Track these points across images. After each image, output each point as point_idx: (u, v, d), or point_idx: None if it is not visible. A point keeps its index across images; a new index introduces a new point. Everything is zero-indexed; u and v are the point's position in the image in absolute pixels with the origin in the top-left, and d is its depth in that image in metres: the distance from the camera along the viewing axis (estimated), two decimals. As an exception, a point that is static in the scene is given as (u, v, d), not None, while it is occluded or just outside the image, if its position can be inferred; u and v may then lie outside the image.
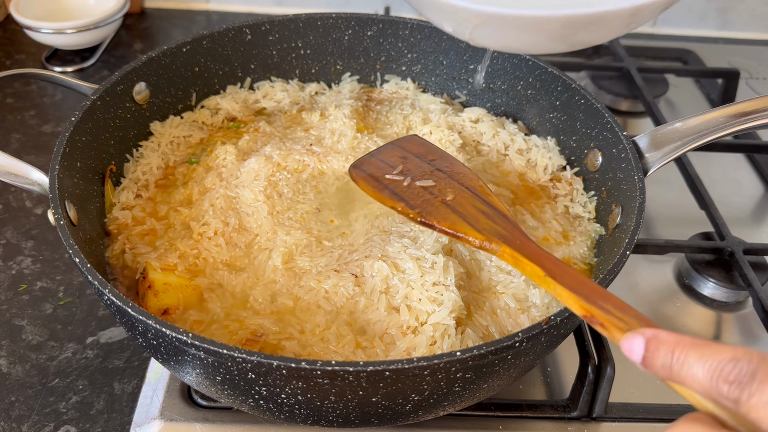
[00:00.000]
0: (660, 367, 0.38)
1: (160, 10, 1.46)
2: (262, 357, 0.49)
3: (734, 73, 1.20)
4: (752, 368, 0.33)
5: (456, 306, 0.62)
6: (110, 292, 0.54)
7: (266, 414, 0.59)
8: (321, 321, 0.63)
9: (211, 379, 0.55)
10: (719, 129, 0.70)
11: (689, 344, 0.37)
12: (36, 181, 0.66)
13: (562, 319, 0.54)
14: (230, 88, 0.93)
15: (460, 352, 0.50)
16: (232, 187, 0.75)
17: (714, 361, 0.35)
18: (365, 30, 0.95)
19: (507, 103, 0.93)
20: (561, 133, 0.87)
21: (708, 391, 0.35)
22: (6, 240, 0.91)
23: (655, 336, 0.38)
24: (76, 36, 1.22)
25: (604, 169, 0.79)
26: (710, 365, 0.35)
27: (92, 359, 0.77)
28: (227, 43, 0.90)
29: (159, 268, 0.66)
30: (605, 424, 0.70)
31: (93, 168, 0.75)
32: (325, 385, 0.51)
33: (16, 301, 0.84)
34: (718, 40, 1.49)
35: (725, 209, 0.92)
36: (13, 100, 1.17)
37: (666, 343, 0.38)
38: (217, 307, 0.65)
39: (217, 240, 0.70)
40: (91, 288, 0.83)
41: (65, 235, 0.59)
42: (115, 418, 0.72)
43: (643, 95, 1.13)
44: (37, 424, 0.71)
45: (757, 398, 0.33)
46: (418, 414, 0.59)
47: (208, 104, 0.90)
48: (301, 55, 0.96)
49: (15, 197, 0.98)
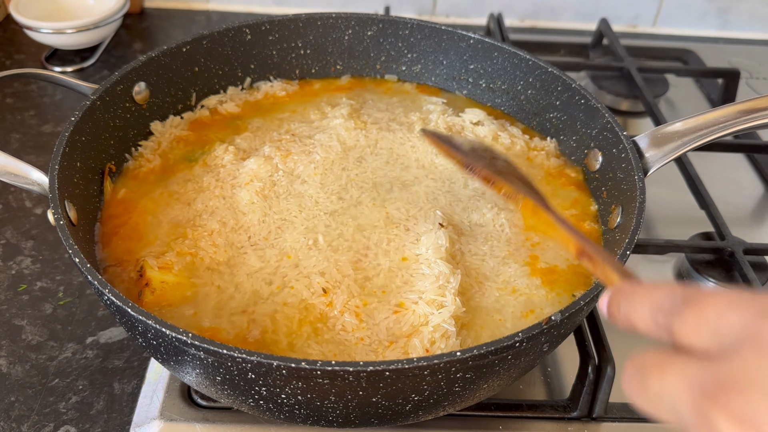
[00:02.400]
0: (622, 318, 0.39)
1: (160, 10, 1.46)
2: (262, 357, 0.49)
3: (734, 73, 1.20)
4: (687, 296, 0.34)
5: (458, 310, 0.62)
6: (110, 292, 0.54)
7: (266, 414, 0.59)
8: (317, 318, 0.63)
9: (211, 379, 0.55)
10: (719, 129, 0.70)
11: (640, 288, 0.38)
12: (36, 181, 0.66)
13: (562, 319, 0.54)
14: (230, 88, 0.93)
15: (460, 352, 0.50)
16: (229, 187, 0.75)
17: (654, 297, 0.36)
18: (365, 30, 0.95)
19: (507, 103, 0.93)
20: (561, 133, 0.87)
21: (651, 327, 0.36)
22: (6, 240, 0.91)
23: (617, 289, 0.40)
24: (76, 36, 1.22)
25: (604, 169, 0.79)
26: (651, 302, 0.36)
27: (92, 359, 0.77)
28: (227, 43, 0.90)
29: (156, 266, 0.66)
30: (605, 424, 0.70)
31: (93, 168, 0.75)
32: (325, 385, 0.51)
33: (16, 301, 0.84)
34: (718, 40, 1.49)
35: (725, 209, 0.92)
36: (13, 100, 1.17)
37: (623, 292, 0.39)
38: (216, 305, 0.65)
39: (214, 239, 0.70)
40: (91, 288, 0.83)
41: (65, 235, 0.59)
42: (115, 418, 0.72)
43: (643, 95, 1.13)
44: (37, 424, 0.71)
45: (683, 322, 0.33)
46: (418, 414, 0.59)
47: (208, 104, 0.90)
48: (301, 55, 0.96)
49: (15, 197, 0.98)
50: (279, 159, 0.79)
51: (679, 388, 0.31)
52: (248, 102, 0.92)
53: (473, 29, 1.03)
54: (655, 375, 0.33)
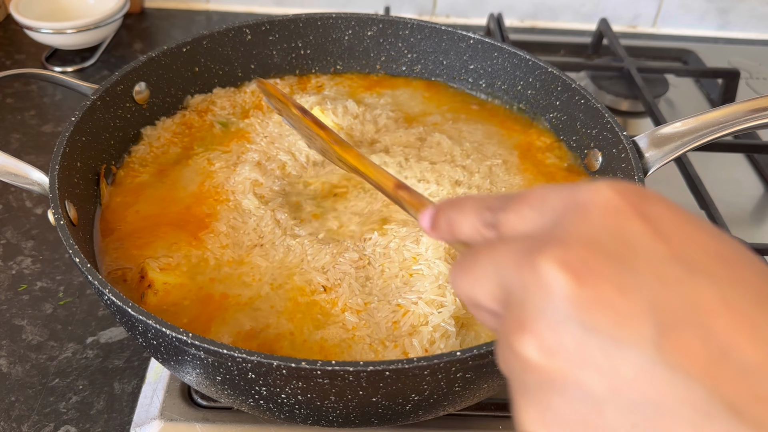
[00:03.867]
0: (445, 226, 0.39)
1: (160, 10, 1.46)
2: (262, 357, 0.49)
3: (734, 73, 1.20)
4: (510, 195, 0.34)
5: (458, 311, 0.62)
6: (110, 292, 0.54)
7: (266, 414, 0.59)
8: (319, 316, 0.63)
9: (211, 379, 0.55)
10: (719, 129, 0.70)
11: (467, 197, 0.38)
12: (36, 181, 0.66)
13: (562, 319, 0.54)
14: (229, 88, 0.93)
15: (460, 352, 0.50)
16: (227, 191, 0.75)
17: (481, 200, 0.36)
18: (365, 30, 0.95)
19: (507, 103, 0.93)
20: (561, 133, 0.87)
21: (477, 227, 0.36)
22: (6, 240, 0.92)
23: (444, 201, 0.40)
24: (76, 36, 1.22)
25: (604, 169, 0.79)
26: (478, 203, 0.36)
27: (92, 359, 0.77)
28: (227, 43, 0.90)
29: (158, 267, 0.66)
30: (605, 424, 0.70)
31: (93, 168, 0.75)
32: (325, 385, 0.51)
33: (16, 301, 0.84)
34: (718, 40, 1.49)
35: (725, 209, 0.92)
36: (13, 100, 1.17)
37: (450, 201, 0.39)
38: (216, 305, 0.65)
39: (221, 240, 0.70)
40: (91, 288, 0.83)
41: (65, 235, 0.59)
42: (115, 418, 0.72)
43: (643, 95, 1.13)
44: (37, 424, 0.71)
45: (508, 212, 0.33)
46: (418, 414, 0.59)
47: (206, 104, 0.90)
48: (301, 55, 0.96)
49: (15, 197, 0.98)
50: (277, 160, 0.78)
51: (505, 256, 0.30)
52: (245, 104, 0.92)
53: (473, 29, 1.03)
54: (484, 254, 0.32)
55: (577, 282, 0.27)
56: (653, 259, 0.27)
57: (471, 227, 0.36)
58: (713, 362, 0.25)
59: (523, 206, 0.32)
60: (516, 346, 0.28)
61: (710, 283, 0.26)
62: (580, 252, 0.27)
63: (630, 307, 0.26)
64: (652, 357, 0.25)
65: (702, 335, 0.25)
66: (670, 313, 0.25)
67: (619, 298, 0.26)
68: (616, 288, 0.26)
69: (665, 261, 0.27)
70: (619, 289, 0.26)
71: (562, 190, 0.31)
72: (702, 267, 0.27)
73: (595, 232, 0.28)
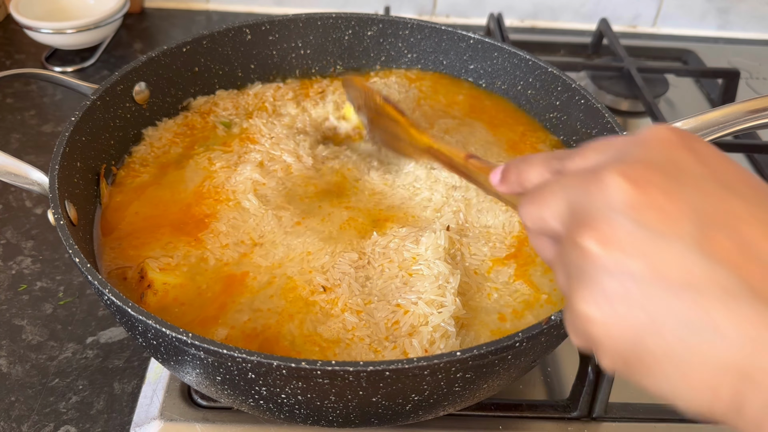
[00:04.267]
0: (514, 177, 0.44)
1: (160, 10, 1.46)
2: (262, 357, 0.49)
3: (734, 73, 1.20)
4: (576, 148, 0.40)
5: (458, 311, 0.62)
6: (110, 292, 0.54)
7: (266, 414, 0.59)
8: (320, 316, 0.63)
9: (211, 379, 0.55)
10: (719, 129, 0.70)
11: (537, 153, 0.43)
12: (36, 181, 0.66)
13: (562, 319, 0.54)
14: (232, 90, 0.93)
15: (460, 352, 0.50)
16: (228, 191, 0.75)
17: (549, 154, 0.42)
18: (365, 30, 0.95)
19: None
20: (561, 133, 0.87)
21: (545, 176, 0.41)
22: (6, 240, 0.92)
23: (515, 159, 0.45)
24: (76, 36, 1.22)
25: (604, 169, 0.78)
26: (547, 156, 0.42)
27: (92, 359, 0.77)
28: (227, 43, 0.90)
29: (158, 267, 0.66)
30: (605, 424, 0.70)
31: (93, 168, 0.75)
32: (325, 385, 0.51)
33: (16, 301, 0.84)
34: (718, 40, 1.49)
35: (725, 209, 0.92)
36: (13, 100, 1.17)
37: (521, 158, 0.44)
38: (216, 305, 0.65)
39: (221, 240, 0.70)
40: (91, 288, 0.83)
41: (65, 235, 0.59)
42: (115, 418, 0.72)
43: (643, 95, 1.13)
44: (37, 424, 0.71)
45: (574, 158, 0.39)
46: (418, 414, 0.59)
47: (209, 106, 0.90)
48: (301, 55, 0.96)
49: (15, 197, 0.98)
50: (277, 160, 0.78)
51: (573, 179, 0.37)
52: (248, 105, 0.92)
53: (473, 29, 1.03)
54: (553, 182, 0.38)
55: (634, 188, 0.33)
56: (697, 177, 0.33)
57: (539, 175, 0.41)
58: (740, 256, 0.31)
59: (587, 151, 0.38)
60: (579, 240, 0.34)
61: (741, 200, 0.32)
62: (638, 168, 0.33)
63: (676, 210, 0.32)
64: (691, 248, 0.31)
65: (733, 236, 0.31)
66: (708, 218, 0.32)
67: (667, 202, 0.32)
68: (666, 195, 0.32)
69: (707, 180, 0.33)
70: (669, 196, 0.32)
71: (624, 135, 0.38)
72: (735, 188, 0.33)
73: (652, 155, 0.35)
